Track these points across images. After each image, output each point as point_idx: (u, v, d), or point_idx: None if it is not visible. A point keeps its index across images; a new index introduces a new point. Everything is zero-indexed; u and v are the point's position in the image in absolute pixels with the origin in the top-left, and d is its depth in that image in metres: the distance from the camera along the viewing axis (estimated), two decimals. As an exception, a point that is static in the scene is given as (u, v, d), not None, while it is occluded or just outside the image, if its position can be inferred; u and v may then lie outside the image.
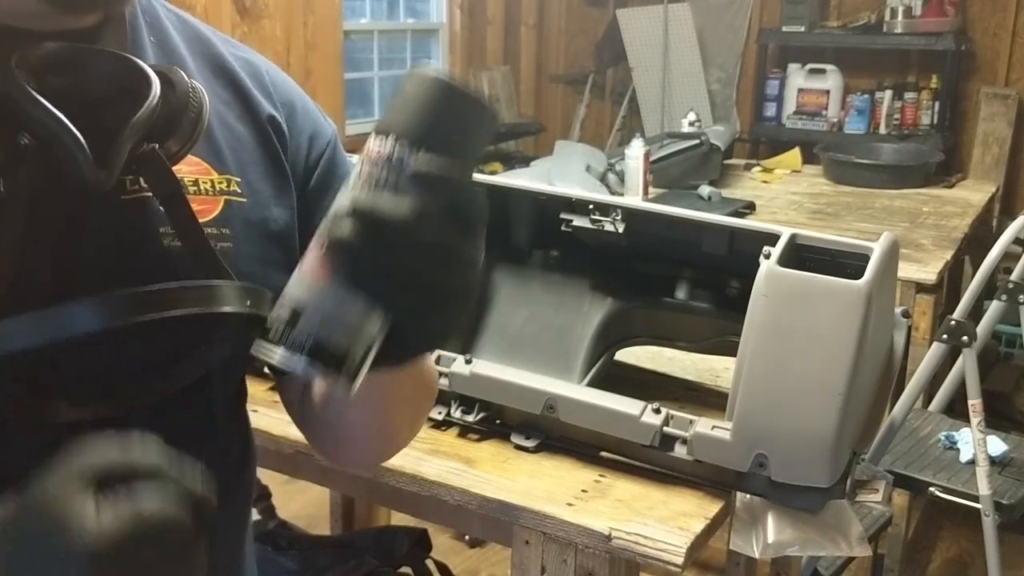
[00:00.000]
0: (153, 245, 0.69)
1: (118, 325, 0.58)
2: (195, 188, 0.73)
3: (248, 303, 0.63)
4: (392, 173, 0.57)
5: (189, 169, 0.72)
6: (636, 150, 2.94)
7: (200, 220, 0.69)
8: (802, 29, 4.54)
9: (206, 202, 0.73)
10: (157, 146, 0.65)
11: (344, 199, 0.57)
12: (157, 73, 0.66)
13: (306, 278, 0.58)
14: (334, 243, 0.56)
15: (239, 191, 0.75)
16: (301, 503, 2.63)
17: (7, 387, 0.61)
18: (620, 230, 1.35)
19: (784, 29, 4.61)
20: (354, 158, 0.80)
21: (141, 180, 0.68)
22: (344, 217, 0.56)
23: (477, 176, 0.62)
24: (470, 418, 1.27)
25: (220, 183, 0.74)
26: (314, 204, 0.80)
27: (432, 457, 1.22)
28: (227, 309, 0.63)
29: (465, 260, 0.59)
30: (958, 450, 2.18)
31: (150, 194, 0.68)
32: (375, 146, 0.58)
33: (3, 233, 0.61)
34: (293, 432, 1.12)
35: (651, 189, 3.00)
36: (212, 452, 0.79)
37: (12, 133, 0.59)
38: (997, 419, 2.88)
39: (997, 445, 2.17)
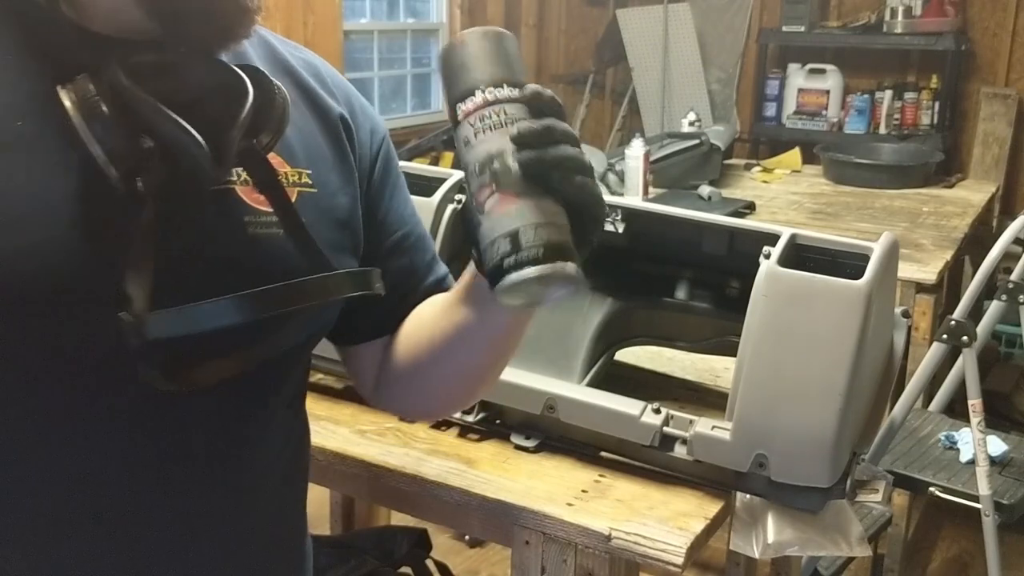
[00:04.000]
0: (242, 233, 0.74)
1: (262, 317, 0.68)
2: None
3: (378, 285, 0.77)
4: (512, 110, 0.66)
5: None
6: (636, 150, 2.93)
7: None
8: (802, 29, 4.54)
9: None
10: (255, 141, 0.71)
11: (484, 149, 0.65)
12: (245, 73, 0.71)
13: (497, 212, 0.65)
14: (515, 172, 0.64)
15: (310, 183, 0.81)
16: (301, 503, 2.63)
17: (156, 358, 0.67)
18: (620, 230, 1.35)
19: (784, 29, 4.60)
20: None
21: (235, 172, 0.74)
22: (507, 155, 0.64)
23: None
24: (470, 418, 1.27)
25: (293, 176, 0.80)
26: (378, 194, 0.89)
27: (432, 457, 1.22)
28: (361, 292, 0.75)
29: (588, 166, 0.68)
30: (958, 450, 2.18)
31: (232, 186, 0.74)
32: (475, 101, 0.66)
33: (147, 228, 0.67)
34: (293, 432, 1.13)
35: (651, 189, 2.99)
36: (284, 426, 0.85)
37: (136, 137, 0.66)
38: (997, 419, 2.89)
39: (997, 445, 2.17)
